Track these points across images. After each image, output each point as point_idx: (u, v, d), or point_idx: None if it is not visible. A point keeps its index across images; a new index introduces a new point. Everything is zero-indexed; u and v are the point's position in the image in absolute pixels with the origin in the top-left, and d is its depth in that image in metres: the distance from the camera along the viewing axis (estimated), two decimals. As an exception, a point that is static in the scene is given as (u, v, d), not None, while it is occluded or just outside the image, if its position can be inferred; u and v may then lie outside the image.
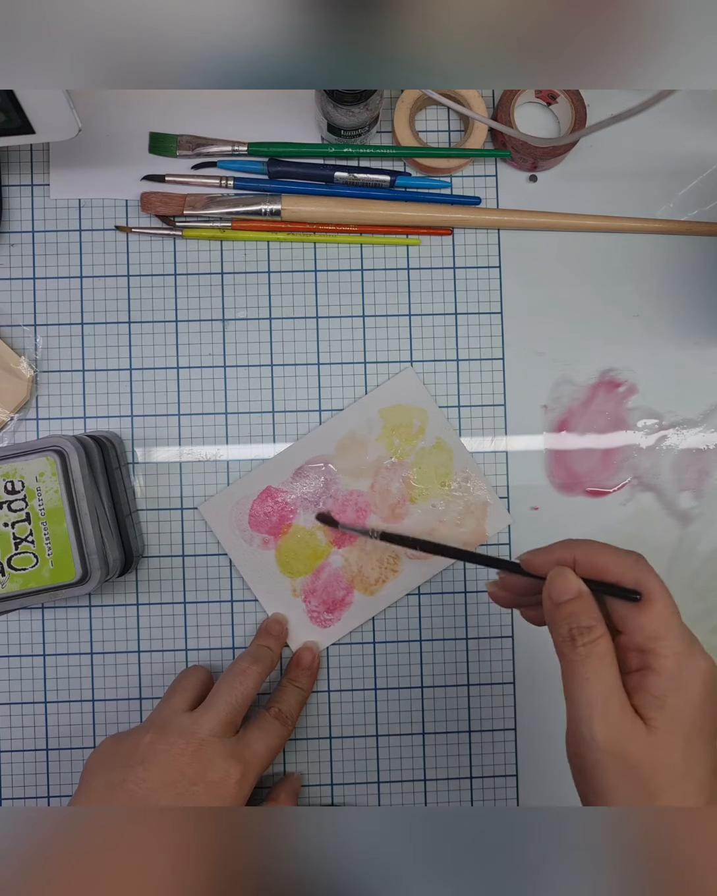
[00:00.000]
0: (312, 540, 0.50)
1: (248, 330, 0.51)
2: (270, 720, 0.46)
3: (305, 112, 0.52)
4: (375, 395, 0.51)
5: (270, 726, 0.45)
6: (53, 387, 0.51)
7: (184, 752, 0.41)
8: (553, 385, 0.52)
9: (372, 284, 0.52)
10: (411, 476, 0.50)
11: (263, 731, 0.45)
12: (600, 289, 0.52)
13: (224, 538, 0.50)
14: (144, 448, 0.51)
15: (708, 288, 0.52)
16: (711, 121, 0.53)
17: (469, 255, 0.52)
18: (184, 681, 0.46)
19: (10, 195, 0.51)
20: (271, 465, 0.50)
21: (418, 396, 0.51)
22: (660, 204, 0.52)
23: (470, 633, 0.51)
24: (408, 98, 0.50)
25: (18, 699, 0.50)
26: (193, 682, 0.46)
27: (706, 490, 0.52)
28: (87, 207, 0.51)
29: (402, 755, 0.51)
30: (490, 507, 0.51)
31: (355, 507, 0.50)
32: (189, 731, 0.42)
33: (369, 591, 0.50)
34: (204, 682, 0.47)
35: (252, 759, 0.43)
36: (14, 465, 0.42)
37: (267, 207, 0.50)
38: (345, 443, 0.50)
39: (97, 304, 0.51)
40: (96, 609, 0.50)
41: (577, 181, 0.52)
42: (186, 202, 0.50)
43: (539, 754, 0.51)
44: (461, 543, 0.50)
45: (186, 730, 0.42)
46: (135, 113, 0.51)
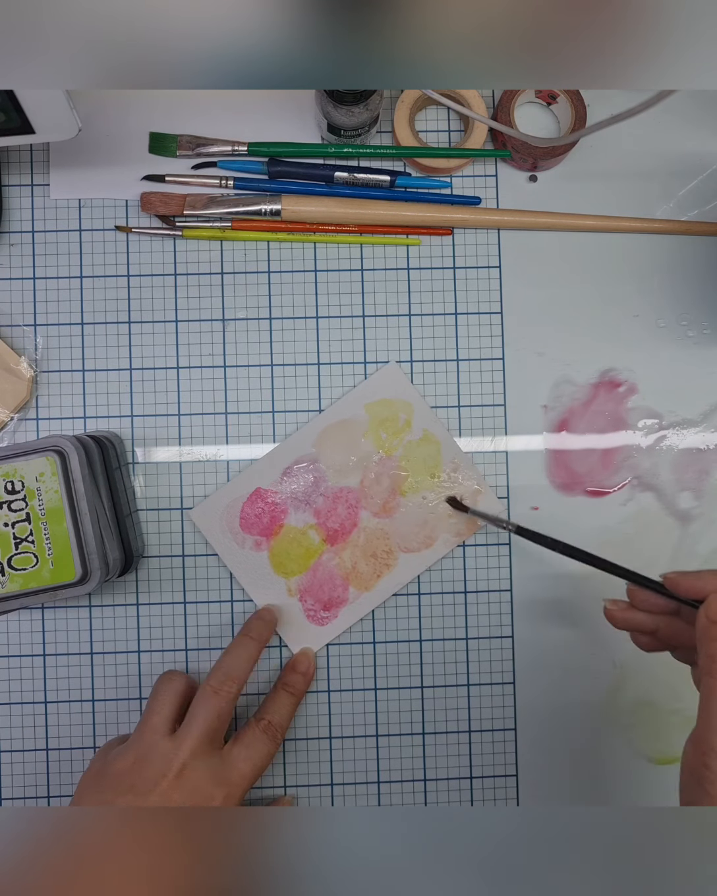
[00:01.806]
0: (305, 539, 0.50)
1: (248, 330, 0.51)
2: (259, 735, 0.45)
3: (305, 112, 0.52)
4: (359, 390, 0.51)
5: (257, 742, 0.45)
6: (53, 387, 0.51)
7: (166, 777, 0.41)
8: (553, 385, 0.52)
9: (372, 284, 0.52)
10: (400, 469, 0.50)
11: (250, 749, 0.44)
12: (600, 289, 0.52)
13: (216, 542, 0.50)
14: (143, 448, 0.51)
15: (708, 288, 0.52)
16: (711, 121, 0.53)
17: (469, 255, 0.52)
18: (161, 696, 0.45)
19: (10, 195, 0.51)
20: (259, 466, 0.50)
21: (403, 390, 0.51)
22: (660, 204, 0.52)
23: (470, 633, 0.51)
24: (408, 98, 0.50)
25: (18, 699, 0.50)
26: (170, 696, 0.45)
27: (706, 490, 0.52)
28: (87, 207, 0.51)
29: (402, 755, 0.51)
30: (481, 496, 0.51)
31: (346, 504, 0.50)
32: (170, 757, 0.42)
33: (364, 586, 0.50)
34: (181, 691, 0.46)
35: (237, 780, 0.43)
36: (14, 465, 0.42)
37: (267, 207, 0.50)
38: (332, 440, 0.50)
39: (97, 304, 0.51)
40: (96, 609, 0.50)
41: (577, 181, 0.52)
42: (186, 202, 0.50)
43: (539, 754, 0.51)
44: (454, 534, 0.50)
45: (167, 756, 0.42)
46: (135, 113, 0.51)
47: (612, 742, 0.51)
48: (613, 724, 0.51)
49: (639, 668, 0.51)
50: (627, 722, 0.51)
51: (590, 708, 0.51)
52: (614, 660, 0.51)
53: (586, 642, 0.51)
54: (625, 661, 0.51)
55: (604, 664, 0.51)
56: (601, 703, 0.51)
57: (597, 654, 0.51)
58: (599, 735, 0.51)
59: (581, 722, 0.51)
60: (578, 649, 0.51)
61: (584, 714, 0.51)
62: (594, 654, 0.51)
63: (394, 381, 0.51)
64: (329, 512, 0.50)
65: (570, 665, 0.51)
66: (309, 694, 0.51)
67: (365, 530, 0.50)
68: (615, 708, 0.51)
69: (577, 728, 0.51)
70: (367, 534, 0.50)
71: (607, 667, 0.51)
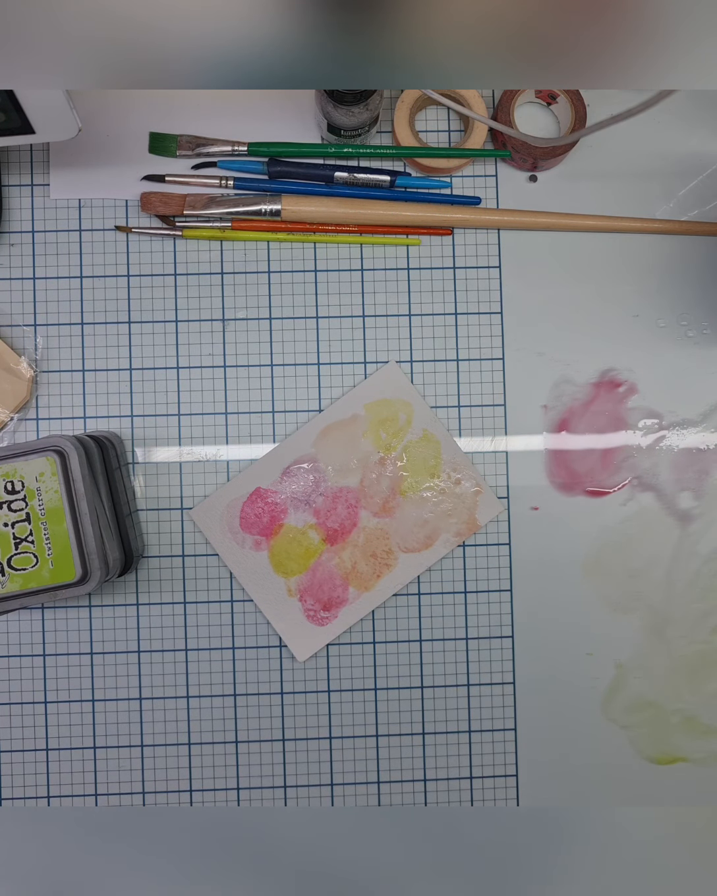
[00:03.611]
0: (305, 539, 0.50)
1: (248, 330, 0.51)
2: None
3: (305, 112, 0.52)
4: (358, 390, 0.51)
5: None
6: (53, 387, 0.51)
7: None
8: (553, 385, 0.52)
9: (372, 284, 0.52)
10: (400, 469, 0.50)
11: None
12: (600, 289, 0.52)
13: (216, 542, 0.50)
14: (143, 448, 0.51)
15: (708, 288, 0.52)
16: (711, 121, 0.53)
17: (469, 255, 0.52)
18: None
19: (10, 195, 0.51)
20: (259, 466, 0.50)
21: (403, 390, 0.51)
22: (660, 204, 0.52)
23: (470, 633, 0.51)
24: (408, 98, 0.50)
25: (18, 699, 0.50)
26: None
27: (706, 490, 0.52)
28: (87, 207, 0.51)
29: (402, 755, 0.51)
30: (481, 496, 0.51)
31: (346, 504, 0.50)
32: None
33: (364, 586, 0.50)
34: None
35: None
36: (14, 465, 0.42)
37: (267, 207, 0.50)
38: (331, 440, 0.50)
39: (97, 304, 0.51)
40: (96, 609, 0.50)
41: (577, 181, 0.52)
42: (186, 202, 0.50)
43: (539, 754, 0.51)
44: (455, 534, 0.50)
45: None
46: (135, 113, 0.51)
47: (612, 742, 0.51)
48: (613, 724, 0.51)
49: (639, 668, 0.51)
50: (627, 722, 0.51)
51: (590, 708, 0.51)
52: (614, 660, 0.51)
53: (586, 642, 0.51)
54: (625, 661, 0.51)
55: (604, 664, 0.51)
56: (600, 703, 0.51)
57: (597, 654, 0.51)
58: (599, 735, 0.51)
59: (581, 722, 0.51)
60: (578, 649, 0.51)
61: (584, 714, 0.51)
62: (594, 654, 0.51)
63: (394, 381, 0.51)
64: (329, 512, 0.50)
65: (570, 665, 0.51)
66: (309, 694, 0.51)
67: (365, 530, 0.50)
68: (615, 708, 0.51)
69: (577, 728, 0.51)
70: (367, 534, 0.50)
71: (607, 667, 0.51)
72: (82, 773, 0.50)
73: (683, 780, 0.51)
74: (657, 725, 0.51)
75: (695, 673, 0.51)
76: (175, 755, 0.50)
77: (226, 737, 0.51)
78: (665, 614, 0.51)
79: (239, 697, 0.51)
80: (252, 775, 0.51)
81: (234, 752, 0.51)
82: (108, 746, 0.50)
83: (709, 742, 0.51)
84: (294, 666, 0.51)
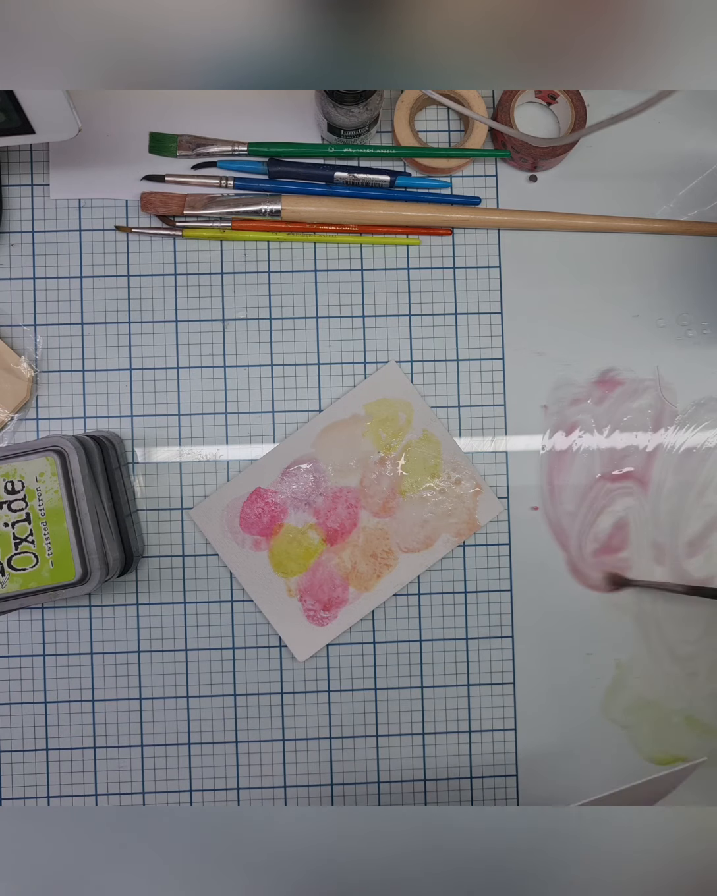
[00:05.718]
0: (305, 539, 0.50)
1: (248, 330, 0.51)
2: None
3: (305, 112, 0.52)
4: (358, 390, 0.51)
5: None
6: (53, 387, 0.51)
7: None
8: (553, 385, 0.52)
9: (372, 284, 0.52)
10: (400, 469, 0.50)
11: None
12: (600, 289, 0.52)
13: (216, 542, 0.50)
14: (143, 448, 0.51)
15: (708, 288, 0.52)
16: (711, 121, 0.53)
17: (469, 255, 0.52)
18: None
19: (10, 195, 0.51)
20: (259, 466, 0.50)
21: (403, 390, 0.51)
22: (660, 204, 0.52)
23: (470, 633, 0.51)
24: (408, 98, 0.50)
25: (18, 699, 0.50)
26: None
27: (706, 490, 0.52)
28: (87, 207, 0.51)
29: (402, 755, 0.51)
30: (481, 496, 0.51)
31: (346, 504, 0.50)
32: None
33: (364, 586, 0.50)
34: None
35: None
36: (14, 465, 0.42)
37: (267, 207, 0.50)
38: (331, 440, 0.50)
39: (97, 304, 0.51)
40: (96, 609, 0.50)
41: (577, 181, 0.52)
42: (186, 202, 0.50)
43: (539, 754, 0.51)
44: (455, 534, 0.50)
45: None
46: (135, 113, 0.51)
47: (612, 742, 0.51)
48: (613, 724, 0.51)
49: (639, 668, 0.51)
50: (627, 722, 0.51)
51: (590, 708, 0.51)
52: (614, 660, 0.51)
53: (586, 642, 0.51)
54: (625, 661, 0.51)
55: (604, 664, 0.51)
56: (600, 703, 0.51)
57: (597, 654, 0.51)
58: (599, 735, 0.51)
59: (581, 722, 0.51)
60: (578, 649, 0.51)
61: (584, 714, 0.51)
62: (594, 654, 0.51)
63: (394, 381, 0.51)
64: (329, 512, 0.50)
65: (570, 665, 0.51)
66: (309, 694, 0.51)
67: (365, 530, 0.50)
68: (615, 708, 0.51)
69: (577, 728, 0.51)
70: (367, 534, 0.50)
71: (607, 667, 0.51)
72: (82, 773, 0.50)
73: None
74: (656, 725, 0.51)
75: (695, 673, 0.51)
76: (175, 755, 0.50)
77: (226, 737, 0.51)
78: (666, 613, 0.51)
79: (239, 697, 0.51)
80: (252, 775, 0.51)
81: (234, 751, 0.51)
82: (108, 746, 0.50)
83: (709, 742, 0.51)
84: (294, 666, 0.51)
